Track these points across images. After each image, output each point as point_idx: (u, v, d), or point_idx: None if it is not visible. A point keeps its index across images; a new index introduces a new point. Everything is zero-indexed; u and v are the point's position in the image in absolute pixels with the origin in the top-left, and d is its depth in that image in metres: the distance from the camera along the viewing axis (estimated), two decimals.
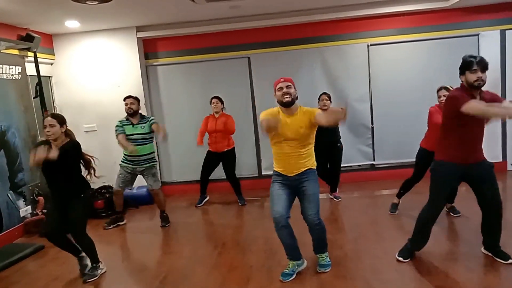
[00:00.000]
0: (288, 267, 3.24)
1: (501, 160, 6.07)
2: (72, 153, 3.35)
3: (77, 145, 3.41)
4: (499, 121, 5.71)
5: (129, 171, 4.79)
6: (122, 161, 4.83)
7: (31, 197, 5.06)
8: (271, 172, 3.34)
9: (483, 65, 2.88)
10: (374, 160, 6.16)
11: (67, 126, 3.43)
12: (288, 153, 3.13)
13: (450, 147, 3.07)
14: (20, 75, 5.07)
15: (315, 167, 3.25)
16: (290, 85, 3.07)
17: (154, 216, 5.36)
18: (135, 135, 4.69)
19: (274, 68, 5.96)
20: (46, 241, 3.94)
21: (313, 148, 3.23)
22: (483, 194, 3.11)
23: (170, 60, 6.22)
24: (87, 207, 3.64)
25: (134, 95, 4.89)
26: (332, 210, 4.99)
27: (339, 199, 5.35)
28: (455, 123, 2.99)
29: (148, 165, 4.79)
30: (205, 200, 5.71)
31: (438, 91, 4.11)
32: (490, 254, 3.27)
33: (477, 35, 5.85)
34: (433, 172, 3.20)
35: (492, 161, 3.17)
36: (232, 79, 6.11)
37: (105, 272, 3.59)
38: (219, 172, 5.58)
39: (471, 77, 2.90)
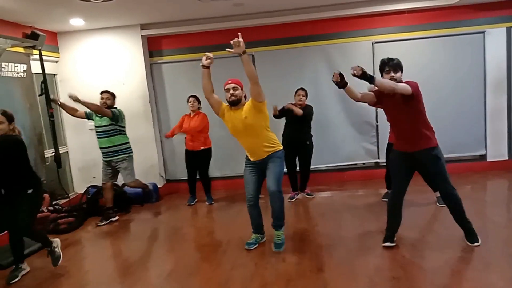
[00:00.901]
0: (252, 238, 3.87)
1: (507, 158, 6.02)
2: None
3: (12, 140, 3.41)
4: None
5: (106, 164, 4.97)
6: None
7: None
8: None
9: (394, 67, 3.36)
10: (378, 158, 6.13)
11: (14, 124, 3.56)
12: (248, 142, 3.64)
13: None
14: (25, 73, 5.09)
15: (279, 150, 3.68)
16: (236, 87, 3.63)
17: (159, 213, 5.39)
18: (98, 128, 4.90)
19: (278, 66, 5.96)
20: (52, 238, 3.99)
21: (270, 133, 3.66)
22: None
23: (174, 58, 6.22)
24: (34, 203, 3.58)
25: (111, 91, 5.05)
26: (336, 207, 4.98)
27: (312, 196, 5.44)
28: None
29: (116, 157, 4.90)
30: (195, 201, 5.68)
31: None
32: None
33: (483, 32, 5.80)
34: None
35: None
36: (236, 77, 6.04)
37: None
38: (223, 170, 5.59)
39: (385, 77, 3.37)
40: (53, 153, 5.37)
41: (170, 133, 5.63)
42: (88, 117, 5.00)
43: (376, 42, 5.92)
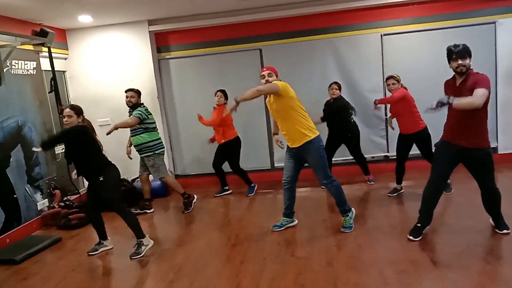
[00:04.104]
0: (280, 221, 4.08)
1: None
2: (72, 135, 3.65)
3: (79, 129, 3.67)
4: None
5: (142, 158, 5.06)
6: None
7: (48, 191, 5.15)
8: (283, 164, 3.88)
9: (462, 53, 3.14)
10: (388, 152, 6.09)
11: (84, 117, 3.79)
12: (282, 127, 3.80)
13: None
14: (35, 70, 5.14)
15: (315, 137, 3.71)
16: (271, 73, 3.76)
17: (168, 208, 5.42)
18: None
19: (286, 60, 5.93)
20: (63, 233, 4.04)
21: (304, 120, 3.70)
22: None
23: (182, 53, 6.23)
24: (110, 187, 3.76)
25: (136, 88, 5.05)
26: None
27: (372, 183, 5.64)
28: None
29: (144, 155, 5.00)
30: (226, 192, 5.75)
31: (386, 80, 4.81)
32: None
33: (494, 23, 5.70)
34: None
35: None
36: (244, 71, 6.09)
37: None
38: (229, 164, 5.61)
39: (453, 65, 3.22)
40: (63, 150, 5.41)
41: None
42: (141, 121, 4.90)
43: (385, 34, 5.86)
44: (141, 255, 3.74)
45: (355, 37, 5.91)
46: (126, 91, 5.00)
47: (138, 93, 5.03)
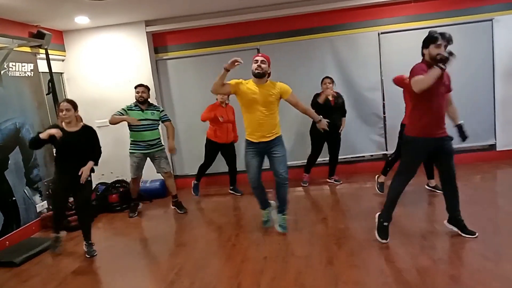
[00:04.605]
0: (264, 215, 4.16)
1: None
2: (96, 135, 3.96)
3: (92, 130, 3.94)
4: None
5: (141, 157, 5.00)
6: (132, 150, 4.99)
7: (47, 192, 5.13)
8: None
9: (449, 40, 3.10)
10: (386, 150, 6.10)
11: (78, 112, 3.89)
12: (260, 119, 3.75)
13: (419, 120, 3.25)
14: (32, 72, 5.13)
15: (280, 135, 3.89)
16: (264, 61, 3.75)
17: (168, 209, 5.41)
18: (145, 121, 4.92)
19: (284, 59, 5.92)
20: (63, 235, 4.03)
21: (278, 118, 3.84)
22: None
23: (179, 53, 6.22)
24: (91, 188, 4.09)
25: (145, 84, 5.08)
26: (345, 200, 4.97)
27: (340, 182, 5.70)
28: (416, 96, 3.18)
29: (159, 149, 5.05)
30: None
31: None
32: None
33: (491, 20, 5.71)
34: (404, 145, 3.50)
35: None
36: (242, 71, 6.03)
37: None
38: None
39: (434, 51, 3.10)
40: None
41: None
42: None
43: (382, 33, 5.86)
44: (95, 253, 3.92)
45: (353, 36, 5.91)
46: (136, 87, 5.01)
47: (148, 88, 5.07)
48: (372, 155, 6.20)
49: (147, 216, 5.19)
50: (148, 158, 5.06)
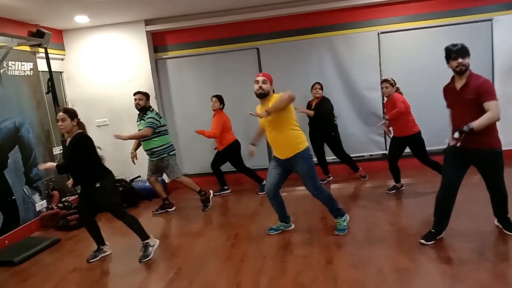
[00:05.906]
0: (276, 225, 4.04)
1: None
2: (76, 146, 3.50)
3: (82, 137, 3.52)
4: None
5: (151, 162, 4.99)
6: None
7: (46, 192, 5.14)
8: None
9: (462, 52, 3.10)
10: (386, 150, 6.09)
11: (79, 119, 3.58)
12: (272, 139, 3.69)
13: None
14: (32, 71, 5.13)
15: (303, 149, 3.63)
16: (265, 80, 3.60)
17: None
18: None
19: (283, 59, 5.93)
20: (62, 234, 4.02)
21: (296, 132, 3.63)
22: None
23: (179, 53, 6.22)
24: (108, 194, 3.65)
25: (144, 91, 4.94)
26: (344, 200, 4.97)
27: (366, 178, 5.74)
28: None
29: (157, 158, 4.91)
30: (225, 191, 5.81)
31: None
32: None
33: (491, 20, 5.71)
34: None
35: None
36: (241, 70, 6.08)
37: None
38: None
39: (453, 64, 3.15)
40: (61, 150, 5.41)
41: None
42: (155, 131, 4.84)
43: (382, 32, 5.86)
44: (150, 257, 3.67)
45: (352, 35, 5.92)
46: (134, 94, 4.87)
47: (146, 95, 4.89)
48: (371, 155, 6.20)
49: (146, 215, 5.18)
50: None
